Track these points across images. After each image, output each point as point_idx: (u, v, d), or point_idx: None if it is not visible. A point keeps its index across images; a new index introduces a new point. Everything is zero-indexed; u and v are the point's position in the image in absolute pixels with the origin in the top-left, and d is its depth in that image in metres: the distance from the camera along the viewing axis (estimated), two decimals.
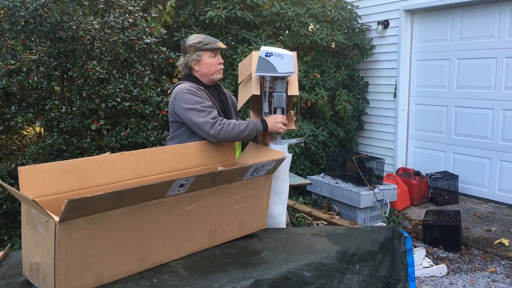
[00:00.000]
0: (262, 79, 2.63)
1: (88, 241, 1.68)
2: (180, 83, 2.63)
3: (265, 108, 2.61)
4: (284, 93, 2.58)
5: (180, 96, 2.51)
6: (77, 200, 1.53)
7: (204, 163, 2.48)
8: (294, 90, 2.61)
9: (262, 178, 2.31)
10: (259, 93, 2.65)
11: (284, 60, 2.48)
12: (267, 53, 2.48)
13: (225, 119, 2.51)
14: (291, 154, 2.65)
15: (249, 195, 2.28)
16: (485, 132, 5.74)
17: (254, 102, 2.83)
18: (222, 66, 2.70)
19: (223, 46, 2.66)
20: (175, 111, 2.56)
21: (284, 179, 2.56)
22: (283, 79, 2.56)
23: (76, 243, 1.64)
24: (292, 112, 2.80)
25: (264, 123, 2.55)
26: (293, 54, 2.56)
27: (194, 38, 2.64)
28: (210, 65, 2.63)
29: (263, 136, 2.76)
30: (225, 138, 2.47)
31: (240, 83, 2.86)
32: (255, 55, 2.67)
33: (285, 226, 2.62)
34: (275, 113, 2.61)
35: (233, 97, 2.88)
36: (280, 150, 2.55)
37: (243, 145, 2.78)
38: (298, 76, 2.71)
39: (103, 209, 1.68)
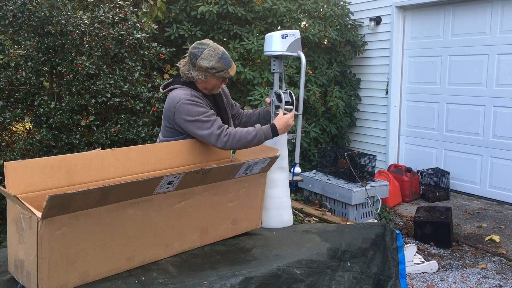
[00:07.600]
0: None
1: (73, 238, 1.64)
2: (177, 88, 2.51)
3: (275, 87, 2.71)
4: (273, 92, 2.63)
5: (181, 107, 2.40)
6: (59, 196, 1.50)
7: (198, 161, 2.45)
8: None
9: (256, 176, 2.28)
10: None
11: (267, 40, 2.63)
12: None
13: (231, 128, 2.42)
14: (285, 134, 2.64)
15: (242, 194, 2.25)
16: (476, 128, 5.75)
17: None
18: None
19: (233, 73, 2.55)
20: (175, 121, 2.45)
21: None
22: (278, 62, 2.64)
23: (60, 240, 1.61)
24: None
25: (274, 129, 2.45)
26: (272, 34, 2.59)
27: (208, 60, 2.43)
28: (214, 85, 2.55)
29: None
30: (232, 149, 2.46)
31: None
32: None
33: (288, 211, 2.59)
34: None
35: (226, 90, 2.79)
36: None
37: None
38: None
39: (88, 206, 1.64)
